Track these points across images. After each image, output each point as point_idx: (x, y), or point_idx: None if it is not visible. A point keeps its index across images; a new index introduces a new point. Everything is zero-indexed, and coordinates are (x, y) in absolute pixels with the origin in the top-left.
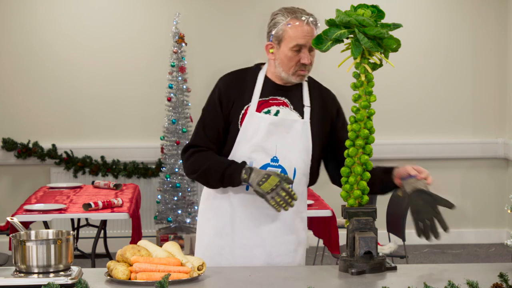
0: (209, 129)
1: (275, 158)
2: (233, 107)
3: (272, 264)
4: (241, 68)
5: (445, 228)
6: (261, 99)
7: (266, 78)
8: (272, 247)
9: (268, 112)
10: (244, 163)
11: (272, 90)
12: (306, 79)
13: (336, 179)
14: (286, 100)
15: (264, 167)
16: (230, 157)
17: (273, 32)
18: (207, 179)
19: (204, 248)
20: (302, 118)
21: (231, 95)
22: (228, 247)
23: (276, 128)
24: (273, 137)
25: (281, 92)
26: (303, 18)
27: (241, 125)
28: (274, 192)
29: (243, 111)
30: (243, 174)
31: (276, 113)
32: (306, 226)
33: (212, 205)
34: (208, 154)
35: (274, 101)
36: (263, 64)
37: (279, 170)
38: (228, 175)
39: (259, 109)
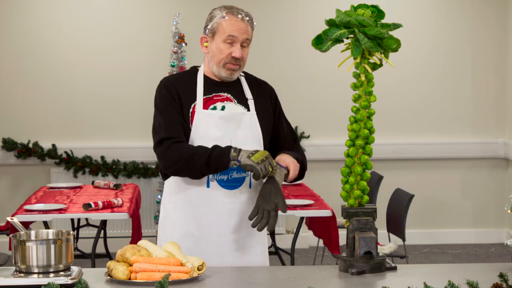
0: (172, 119)
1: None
2: (182, 104)
3: (242, 257)
4: (178, 72)
5: (270, 227)
6: (205, 97)
7: (205, 77)
8: (240, 239)
9: (215, 108)
10: (229, 145)
11: (214, 87)
12: (242, 74)
13: None
14: (229, 95)
15: None
16: None
17: (208, 26)
18: (190, 166)
19: None
20: (248, 110)
21: (178, 93)
22: (196, 247)
23: (226, 122)
24: (225, 132)
25: (223, 88)
26: (239, 15)
27: (191, 123)
28: (263, 164)
29: (191, 110)
30: (232, 152)
31: (223, 108)
32: None
33: (175, 208)
34: (187, 145)
35: (218, 97)
36: (199, 66)
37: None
38: (215, 157)
39: (205, 107)
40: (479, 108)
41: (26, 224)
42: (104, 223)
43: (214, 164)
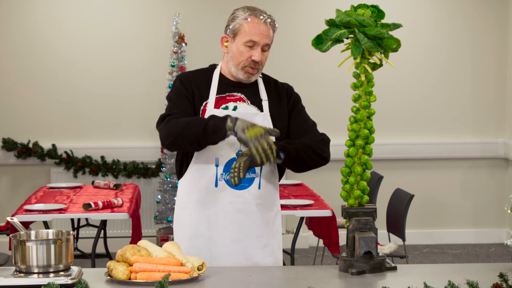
0: (180, 104)
1: (240, 152)
2: (194, 99)
3: (251, 258)
4: (198, 68)
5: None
6: (218, 95)
7: (221, 76)
8: (248, 239)
9: (226, 108)
10: (225, 114)
11: (228, 86)
12: (260, 75)
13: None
14: (242, 96)
15: (231, 161)
16: (196, 156)
17: (230, 26)
18: (187, 137)
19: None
20: (262, 111)
21: (192, 89)
22: (206, 247)
23: None
24: None
25: (237, 89)
26: (261, 17)
27: None
28: (257, 141)
29: (202, 107)
30: (228, 121)
31: (234, 108)
32: (280, 219)
33: (186, 209)
34: (184, 119)
35: (230, 97)
36: (217, 65)
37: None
38: (211, 127)
39: (217, 106)
40: (479, 108)
41: (26, 224)
42: (104, 223)
43: (211, 132)
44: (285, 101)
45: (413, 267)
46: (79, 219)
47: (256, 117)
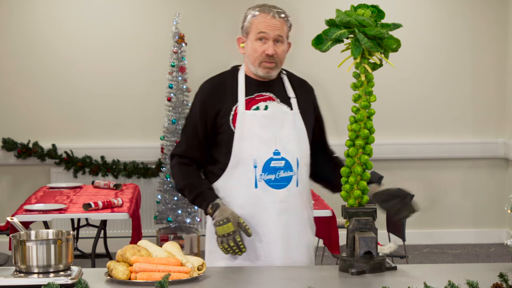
0: (191, 137)
1: (276, 151)
2: (219, 114)
3: (292, 257)
4: (218, 73)
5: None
6: (247, 97)
7: (247, 77)
8: (290, 238)
9: (257, 108)
10: (214, 196)
11: (255, 87)
12: (284, 72)
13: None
14: (271, 95)
15: (269, 161)
16: (233, 159)
17: (243, 26)
18: (184, 195)
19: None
20: (291, 109)
21: (215, 103)
22: (248, 248)
23: (270, 122)
24: (269, 132)
25: (265, 88)
26: (270, 12)
27: (234, 126)
28: (225, 238)
29: (232, 112)
30: (208, 208)
31: (265, 108)
32: (312, 217)
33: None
34: (187, 173)
35: (260, 97)
36: (240, 65)
37: (283, 162)
38: (197, 204)
39: (248, 107)
40: (479, 108)
41: (26, 224)
42: (104, 223)
43: (199, 206)
44: (310, 101)
45: (413, 267)
46: (79, 219)
47: (287, 115)
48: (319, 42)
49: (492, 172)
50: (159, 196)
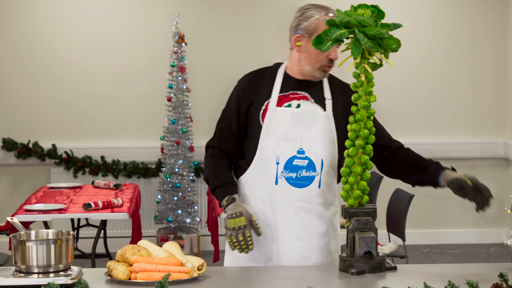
0: (225, 129)
1: (301, 150)
2: (251, 107)
3: (310, 257)
4: (261, 67)
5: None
6: (281, 94)
7: (286, 74)
8: (308, 238)
9: (289, 106)
10: (233, 189)
11: (292, 85)
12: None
13: (382, 167)
14: (306, 94)
15: (291, 159)
16: (258, 154)
17: (303, 25)
18: (208, 185)
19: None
20: (324, 110)
21: (249, 96)
22: (266, 244)
23: (299, 120)
24: (297, 130)
25: (301, 87)
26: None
27: (263, 121)
28: (234, 232)
29: (263, 107)
30: (224, 200)
31: (298, 106)
32: (338, 219)
33: (247, 206)
34: (216, 164)
35: (294, 95)
36: (282, 63)
37: (306, 162)
38: (216, 194)
39: (279, 104)
40: (479, 108)
41: (26, 224)
42: (104, 223)
43: (216, 197)
44: (350, 104)
45: (413, 267)
46: (79, 219)
47: (318, 115)
48: (319, 42)
49: (492, 172)
50: (159, 196)
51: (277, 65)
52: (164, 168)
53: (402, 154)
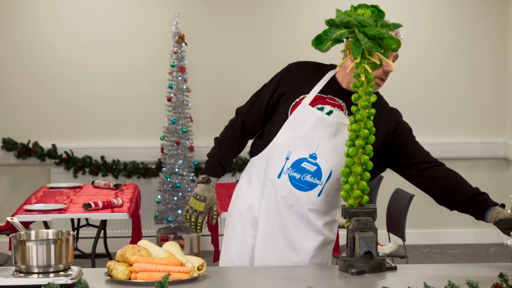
0: (256, 101)
1: (313, 155)
2: (285, 94)
3: (290, 255)
4: (316, 62)
5: None
6: (319, 94)
7: (333, 78)
8: (291, 236)
9: (322, 109)
10: (218, 171)
11: (334, 90)
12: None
13: (428, 191)
14: (343, 104)
15: (301, 160)
16: (274, 141)
17: None
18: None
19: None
20: None
21: (290, 83)
22: (248, 231)
23: (324, 126)
24: (318, 134)
25: (341, 95)
26: (393, 31)
27: (291, 113)
28: (190, 211)
29: (297, 100)
30: (200, 176)
31: (329, 113)
32: (330, 233)
33: (247, 187)
34: (227, 138)
35: (331, 100)
36: (336, 66)
37: (314, 168)
38: (204, 163)
39: (313, 103)
40: (479, 108)
41: (26, 224)
42: (104, 223)
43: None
44: (384, 125)
45: (413, 267)
46: (79, 219)
47: (344, 128)
48: (319, 42)
49: (492, 172)
50: (159, 196)
51: (331, 67)
52: (164, 168)
53: (447, 173)
